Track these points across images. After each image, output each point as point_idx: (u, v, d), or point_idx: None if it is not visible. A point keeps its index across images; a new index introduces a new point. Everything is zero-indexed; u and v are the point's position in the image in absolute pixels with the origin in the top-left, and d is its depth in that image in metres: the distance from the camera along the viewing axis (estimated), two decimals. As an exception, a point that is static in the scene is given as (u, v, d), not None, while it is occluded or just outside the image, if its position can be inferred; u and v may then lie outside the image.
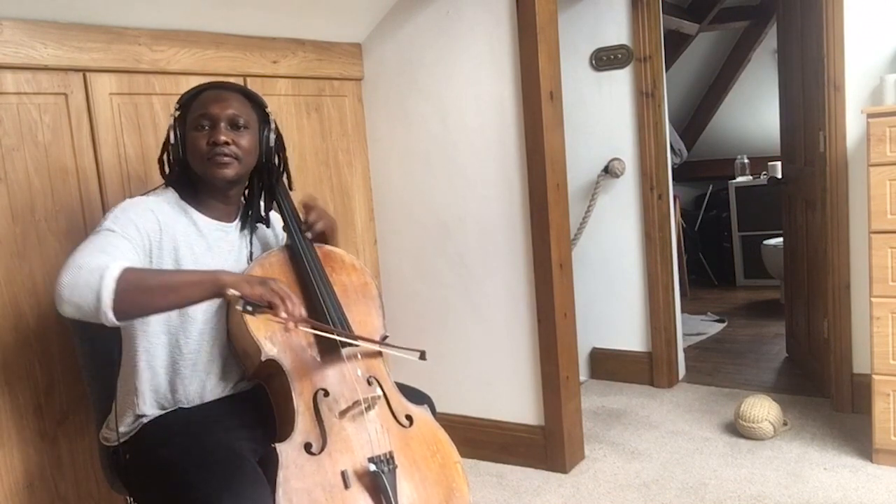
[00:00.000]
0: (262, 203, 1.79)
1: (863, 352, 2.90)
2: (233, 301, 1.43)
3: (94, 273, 1.37)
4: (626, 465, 2.78)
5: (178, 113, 1.66)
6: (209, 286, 1.43)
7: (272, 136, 1.72)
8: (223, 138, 1.61)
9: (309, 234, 1.78)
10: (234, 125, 1.64)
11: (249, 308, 1.42)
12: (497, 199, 2.70)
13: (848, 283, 2.97)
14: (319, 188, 2.73)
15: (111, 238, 1.50)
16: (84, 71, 2.00)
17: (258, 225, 1.81)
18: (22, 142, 1.88)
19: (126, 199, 1.62)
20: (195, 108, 1.65)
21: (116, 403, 1.69)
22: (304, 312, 1.49)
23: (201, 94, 1.67)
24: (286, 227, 1.78)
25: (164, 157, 1.70)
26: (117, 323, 1.39)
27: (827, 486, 2.49)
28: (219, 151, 1.61)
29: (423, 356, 1.63)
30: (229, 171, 1.63)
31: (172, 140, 1.65)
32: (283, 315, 1.43)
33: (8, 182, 1.85)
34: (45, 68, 1.91)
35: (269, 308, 1.44)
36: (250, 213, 1.77)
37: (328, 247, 1.85)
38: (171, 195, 1.66)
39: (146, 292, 1.40)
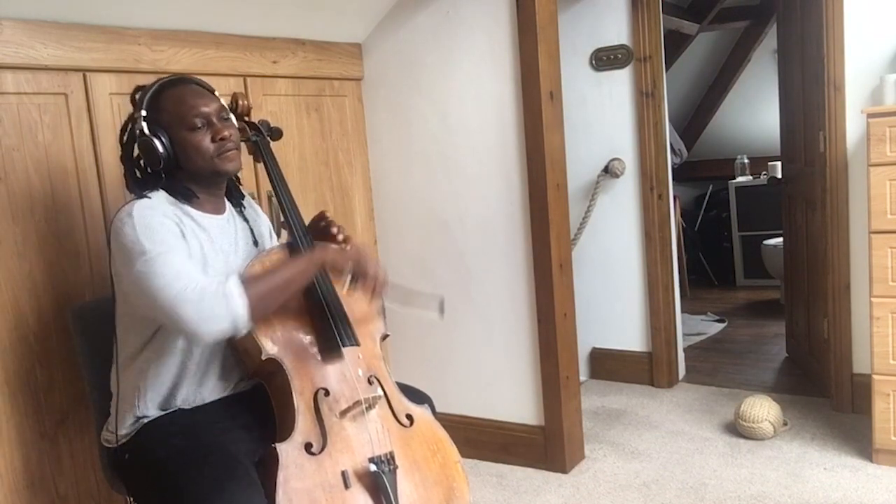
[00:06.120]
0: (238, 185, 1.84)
1: (863, 352, 2.90)
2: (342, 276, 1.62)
3: (218, 300, 1.42)
4: (626, 465, 2.78)
5: (144, 115, 1.59)
6: (315, 268, 1.62)
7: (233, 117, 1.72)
8: (227, 133, 1.61)
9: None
10: (221, 118, 1.63)
11: (354, 282, 1.63)
12: (497, 198, 2.70)
13: (848, 283, 2.97)
14: (319, 188, 2.73)
15: (170, 258, 1.46)
16: (84, 71, 1.99)
17: (245, 207, 1.82)
18: (22, 142, 1.88)
19: (132, 214, 1.51)
20: (174, 108, 1.59)
21: (116, 405, 1.68)
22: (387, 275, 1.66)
23: (164, 92, 1.61)
24: (286, 224, 1.78)
25: (133, 163, 1.65)
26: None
27: (827, 486, 2.49)
28: (226, 147, 1.61)
29: (441, 307, 1.75)
30: (237, 163, 1.66)
31: (160, 146, 1.58)
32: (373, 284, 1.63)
33: (8, 182, 1.85)
34: (45, 68, 1.91)
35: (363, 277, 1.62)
36: (239, 201, 1.80)
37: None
38: (163, 195, 1.62)
39: (270, 297, 1.52)
